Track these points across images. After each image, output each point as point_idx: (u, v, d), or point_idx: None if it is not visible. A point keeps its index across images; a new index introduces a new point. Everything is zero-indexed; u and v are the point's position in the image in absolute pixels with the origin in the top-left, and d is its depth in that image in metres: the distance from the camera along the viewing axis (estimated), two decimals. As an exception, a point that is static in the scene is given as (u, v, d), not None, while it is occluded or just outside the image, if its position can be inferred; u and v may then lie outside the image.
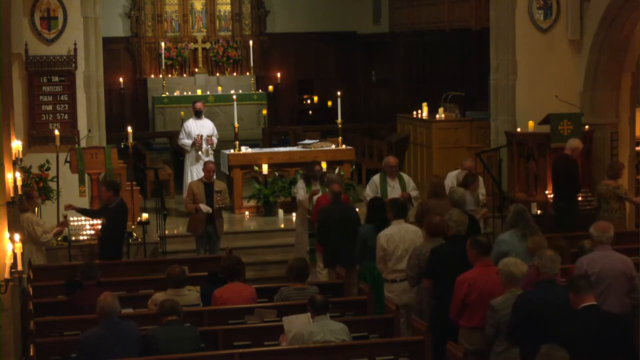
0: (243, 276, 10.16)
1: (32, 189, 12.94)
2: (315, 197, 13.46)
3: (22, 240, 8.66)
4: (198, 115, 16.88)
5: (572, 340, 6.92)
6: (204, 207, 13.38)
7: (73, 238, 13.50)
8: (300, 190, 13.75)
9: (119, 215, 12.60)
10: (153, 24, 25.32)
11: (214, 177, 13.88)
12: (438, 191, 12.44)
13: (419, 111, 18.79)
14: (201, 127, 16.71)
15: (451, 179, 13.77)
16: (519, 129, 15.55)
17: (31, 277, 11.06)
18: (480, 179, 13.83)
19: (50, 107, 14.90)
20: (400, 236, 10.68)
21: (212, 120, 17.64)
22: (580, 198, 14.39)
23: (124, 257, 13.27)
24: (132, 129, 14.82)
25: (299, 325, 8.59)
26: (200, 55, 25.25)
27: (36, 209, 13.43)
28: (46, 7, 14.77)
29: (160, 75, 24.54)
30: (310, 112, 26.59)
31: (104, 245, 12.66)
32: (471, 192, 12.67)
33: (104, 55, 15.88)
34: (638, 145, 15.97)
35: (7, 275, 8.50)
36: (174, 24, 25.50)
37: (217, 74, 25.35)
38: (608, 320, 7.28)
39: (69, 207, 12.94)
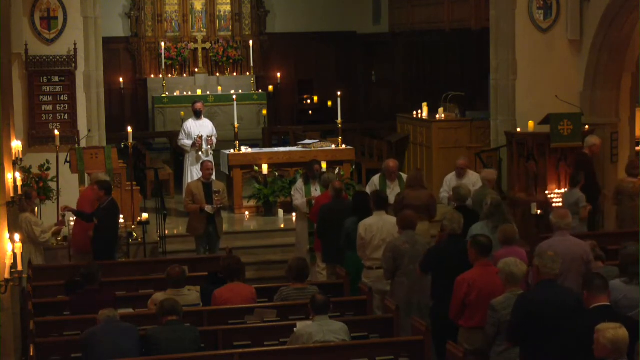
0: (243, 276, 10.15)
1: (31, 189, 12.93)
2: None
3: (21, 240, 8.67)
4: (198, 115, 16.86)
5: (584, 339, 6.88)
6: (209, 208, 13.39)
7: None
8: (297, 195, 13.75)
9: (109, 215, 12.55)
10: (153, 24, 25.32)
11: (213, 176, 13.88)
12: (414, 183, 12.76)
13: (419, 111, 18.79)
14: (201, 127, 16.69)
15: (447, 183, 13.79)
16: (519, 129, 15.55)
17: (31, 277, 11.06)
18: (478, 175, 13.91)
19: (50, 107, 14.90)
20: (379, 227, 10.92)
21: (212, 120, 17.63)
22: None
23: (122, 257, 13.24)
24: (132, 129, 14.81)
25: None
26: (200, 55, 25.25)
27: (35, 209, 13.43)
28: (46, 7, 14.77)
29: (160, 75, 24.54)
30: (310, 112, 26.60)
31: (97, 246, 12.60)
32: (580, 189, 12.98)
33: (104, 55, 15.88)
34: (638, 145, 15.97)
35: (7, 275, 8.50)
36: (174, 24, 25.50)
37: (217, 74, 25.35)
38: (621, 321, 7.25)
39: (65, 208, 12.92)
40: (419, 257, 10.03)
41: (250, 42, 24.92)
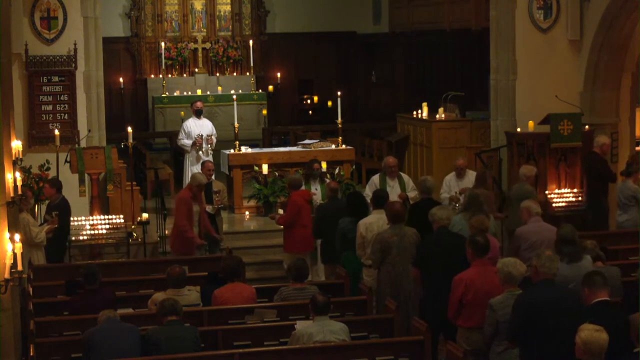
0: (243, 276, 10.16)
1: (27, 189, 12.91)
2: (316, 199, 13.58)
3: (21, 240, 8.66)
4: (198, 114, 16.87)
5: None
6: (209, 208, 13.39)
7: (73, 238, 13.49)
8: None
9: (60, 214, 12.54)
10: (153, 24, 25.32)
11: (213, 176, 13.89)
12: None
13: (419, 111, 18.79)
14: (201, 127, 16.70)
15: (447, 184, 13.80)
16: (519, 129, 15.54)
17: (31, 277, 11.06)
18: (474, 173, 13.94)
19: (50, 107, 14.90)
20: (379, 225, 11.02)
21: (212, 120, 17.64)
22: (580, 198, 14.48)
23: (70, 259, 13.17)
24: (132, 129, 14.82)
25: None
26: (200, 55, 25.25)
27: (35, 207, 13.42)
28: (46, 7, 14.77)
29: (160, 75, 24.54)
30: (310, 112, 26.60)
31: (47, 246, 12.53)
32: (634, 181, 13.13)
33: (104, 55, 15.88)
34: (638, 145, 15.97)
35: (7, 275, 8.50)
36: (174, 24, 25.50)
37: (217, 74, 25.34)
38: (619, 316, 7.30)
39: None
40: (406, 249, 10.41)
41: (250, 42, 24.91)
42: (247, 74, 25.12)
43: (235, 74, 25.51)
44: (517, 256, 9.83)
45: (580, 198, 14.49)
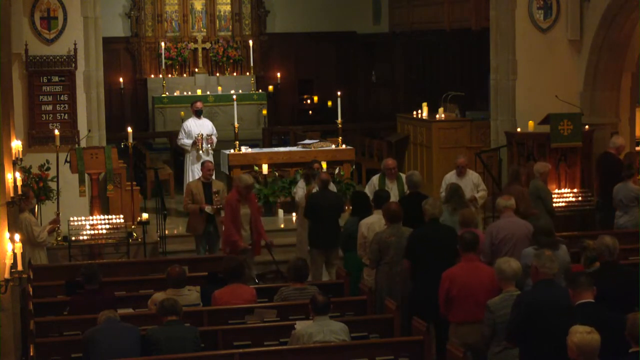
0: (243, 277, 10.16)
1: (28, 189, 12.92)
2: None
3: (21, 241, 8.67)
4: (198, 114, 16.87)
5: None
6: (209, 208, 13.39)
7: (73, 238, 13.50)
8: (300, 191, 13.80)
9: None
10: (153, 24, 25.31)
11: (213, 176, 13.89)
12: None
13: (419, 111, 18.79)
14: (201, 127, 16.70)
15: (446, 182, 13.80)
16: (519, 129, 15.55)
17: (31, 277, 11.06)
18: (478, 175, 13.94)
19: (50, 107, 14.90)
20: (380, 225, 11.05)
21: (212, 120, 17.64)
22: (580, 198, 14.48)
23: (70, 259, 13.13)
24: (132, 129, 14.82)
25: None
26: (200, 55, 25.24)
27: (35, 208, 13.43)
28: (46, 7, 14.77)
29: (160, 75, 24.52)
30: (310, 112, 26.59)
31: None
32: (634, 182, 13.21)
33: (104, 55, 15.88)
34: (638, 145, 15.97)
35: (7, 275, 8.50)
36: (174, 24, 25.50)
37: (217, 74, 25.33)
38: (604, 317, 7.30)
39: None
40: (403, 249, 10.45)
41: (250, 42, 24.89)
42: (247, 74, 25.11)
43: (235, 74, 25.49)
44: (490, 253, 10.18)
45: (580, 198, 14.49)
